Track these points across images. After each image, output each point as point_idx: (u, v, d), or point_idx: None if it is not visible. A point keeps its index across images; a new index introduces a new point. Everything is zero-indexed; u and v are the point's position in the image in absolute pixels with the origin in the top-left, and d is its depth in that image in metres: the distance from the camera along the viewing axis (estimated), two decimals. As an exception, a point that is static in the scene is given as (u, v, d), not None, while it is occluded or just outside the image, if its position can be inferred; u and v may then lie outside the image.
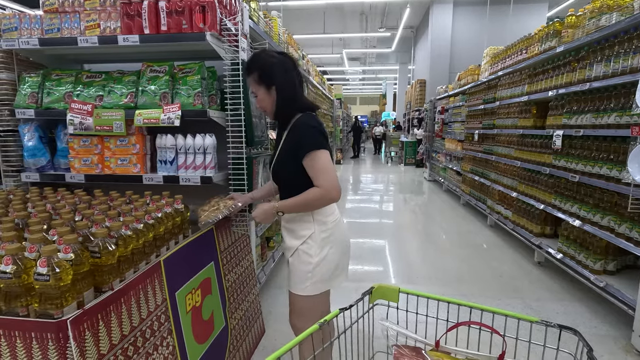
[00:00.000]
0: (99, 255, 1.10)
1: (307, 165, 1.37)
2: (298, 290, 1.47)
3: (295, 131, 1.41)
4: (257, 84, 1.41)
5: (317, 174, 1.36)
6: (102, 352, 1.05)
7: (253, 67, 1.41)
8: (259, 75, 1.40)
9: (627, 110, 2.46)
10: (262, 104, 1.44)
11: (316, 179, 1.36)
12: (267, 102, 1.43)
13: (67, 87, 1.96)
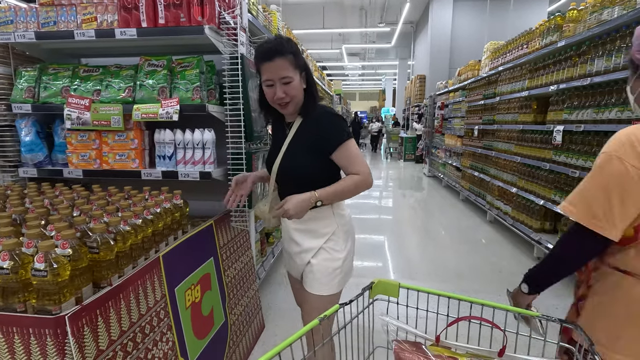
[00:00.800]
0: (97, 251, 1.09)
1: (340, 156, 1.30)
2: (325, 290, 1.36)
3: (319, 124, 1.30)
4: (293, 67, 1.24)
5: (353, 161, 1.31)
6: (101, 348, 1.04)
7: (288, 48, 1.23)
8: (295, 58, 1.24)
9: (628, 105, 2.45)
10: (294, 92, 1.26)
11: (352, 167, 1.30)
12: (299, 90, 1.28)
13: (64, 82, 1.94)
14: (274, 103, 1.28)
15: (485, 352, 0.84)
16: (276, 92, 1.24)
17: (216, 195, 2.12)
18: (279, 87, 1.24)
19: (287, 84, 1.24)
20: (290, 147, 1.34)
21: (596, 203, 0.92)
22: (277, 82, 1.23)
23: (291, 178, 1.36)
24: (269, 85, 1.25)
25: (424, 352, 0.84)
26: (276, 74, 1.22)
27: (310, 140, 1.31)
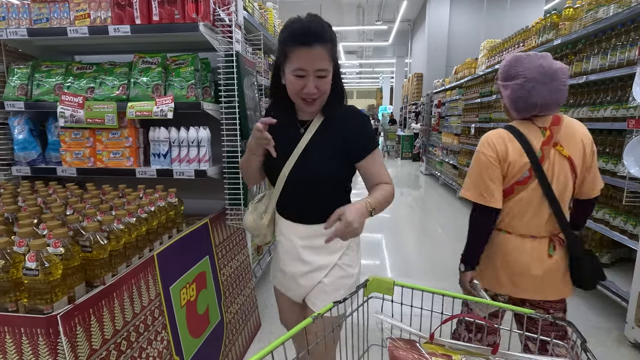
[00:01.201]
0: (90, 250, 1.08)
1: (368, 164, 1.14)
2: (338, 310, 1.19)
3: (348, 125, 1.14)
4: (330, 58, 1.04)
5: (381, 171, 1.17)
6: (94, 347, 1.03)
7: (329, 34, 1.04)
8: (332, 48, 1.05)
9: (623, 103, 2.46)
10: (326, 88, 1.07)
11: (381, 177, 1.16)
12: (329, 85, 1.09)
13: (57, 79, 1.92)
14: (298, 96, 1.07)
15: (479, 349, 0.84)
16: (307, 85, 1.04)
17: (211, 193, 2.11)
18: (312, 79, 1.03)
19: (321, 78, 1.04)
20: (308, 150, 1.13)
21: (479, 186, 1.35)
22: (311, 73, 1.03)
23: (306, 186, 1.14)
24: (300, 75, 1.03)
25: (418, 350, 0.84)
26: (312, 64, 1.01)
27: (334, 142, 1.13)
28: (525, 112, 1.34)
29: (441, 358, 0.81)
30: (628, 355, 2.18)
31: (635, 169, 2.13)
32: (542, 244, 1.34)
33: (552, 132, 1.31)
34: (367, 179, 1.17)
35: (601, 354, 2.17)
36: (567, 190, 1.32)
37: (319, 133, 1.14)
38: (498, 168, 1.32)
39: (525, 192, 1.32)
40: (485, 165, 1.34)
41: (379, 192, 1.11)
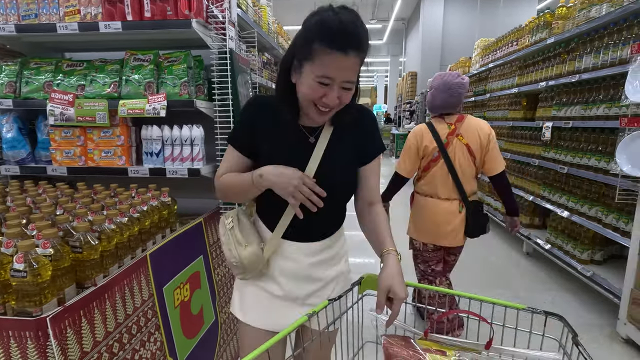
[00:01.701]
0: (81, 250, 1.06)
1: (373, 167, 1.08)
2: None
3: (363, 123, 1.07)
4: (359, 70, 0.94)
5: (378, 180, 1.09)
6: (85, 350, 1.01)
7: (366, 44, 0.91)
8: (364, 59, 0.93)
9: (615, 101, 2.48)
10: (346, 100, 0.94)
11: (376, 190, 1.09)
12: (350, 97, 0.96)
13: (46, 76, 1.88)
14: (314, 104, 0.92)
15: (472, 344, 0.85)
16: (329, 94, 0.89)
17: (205, 192, 2.08)
18: (336, 90, 0.90)
19: (346, 90, 0.91)
20: (323, 163, 0.99)
21: (401, 160, 2.08)
22: (337, 83, 0.89)
23: (324, 203, 0.96)
24: (323, 83, 0.88)
25: (413, 346, 0.85)
26: (342, 74, 0.88)
27: (347, 149, 1.04)
28: (433, 111, 2.06)
29: (435, 354, 0.82)
30: (620, 351, 2.20)
31: (628, 166, 2.15)
32: (453, 204, 2.01)
33: (455, 126, 1.98)
34: (362, 188, 1.08)
35: (594, 350, 2.20)
36: (467, 167, 1.97)
37: (332, 141, 1.02)
38: (415, 152, 2.03)
39: (436, 167, 1.99)
40: (407, 149, 2.06)
41: (387, 228, 1.04)
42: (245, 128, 1.04)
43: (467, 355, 0.81)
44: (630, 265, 2.23)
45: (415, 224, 2.15)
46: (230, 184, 1.05)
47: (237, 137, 1.07)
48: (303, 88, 0.92)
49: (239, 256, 1.01)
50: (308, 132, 1.03)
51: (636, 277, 2.18)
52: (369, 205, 1.09)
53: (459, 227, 2.00)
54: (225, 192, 1.08)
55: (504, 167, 2.02)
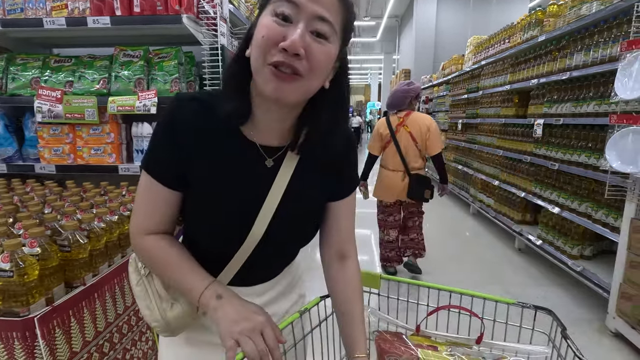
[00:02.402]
0: (69, 250, 1.04)
1: (345, 205, 0.81)
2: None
3: (337, 157, 0.77)
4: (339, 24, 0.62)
5: (352, 222, 0.84)
6: (75, 350, 1.00)
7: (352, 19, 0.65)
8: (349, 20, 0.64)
9: (605, 98, 2.51)
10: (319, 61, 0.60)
11: (349, 235, 0.83)
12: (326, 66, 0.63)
13: (33, 73, 1.84)
14: (269, 55, 0.58)
15: (464, 339, 0.85)
16: (288, 34, 0.57)
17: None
18: (302, 30, 0.57)
19: (318, 37, 0.59)
20: (285, 200, 0.71)
21: (370, 142, 3.08)
22: (303, 19, 0.57)
23: (283, 246, 0.79)
24: (283, 16, 0.58)
25: (405, 342, 0.85)
26: (313, 3, 0.57)
27: (316, 181, 0.75)
28: (388, 109, 3.03)
29: (427, 349, 0.82)
30: (609, 344, 2.24)
31: (617, 163, 2.18)
32: (398, 174, 2.87)
33: (403, 119, 2.84)
34: (331, 232, 0.81)
35: (583, 344, 2.23)
36: (411, 148, 2.83)
37: (301, 169, 0.72)
38: (378, 136, 2.94)
39: (389, 148, 2.89)
40: (374, 134, 3.01)
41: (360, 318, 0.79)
42: (168, 146, 0.67)
43: (458, 350, 0.82)
44: (619, 260, 2.26)
45: (375, 186, 3.04)
46: (161, 264, 0.70)
47: (157, 162, 0.68)
48: (255, 37, 0.60)
49: (162, 319, 0.71)
50: (266, 151, 0.70)
51: (625, 271, 2.21)
52: (339, 257, 0.82)
53: (402, 190, 2.85)
54: (151, 265, 0.73)
55: (440, 150, 2.89)
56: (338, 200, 0.80)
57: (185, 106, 0.68)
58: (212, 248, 0.73)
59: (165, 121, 0.68)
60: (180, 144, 0.66)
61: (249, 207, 0.70)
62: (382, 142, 2.93)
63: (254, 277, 0.80)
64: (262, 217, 0.69)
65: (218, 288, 0.66)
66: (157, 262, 0.71)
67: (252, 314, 0.62)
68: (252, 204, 0.70)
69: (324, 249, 0.84)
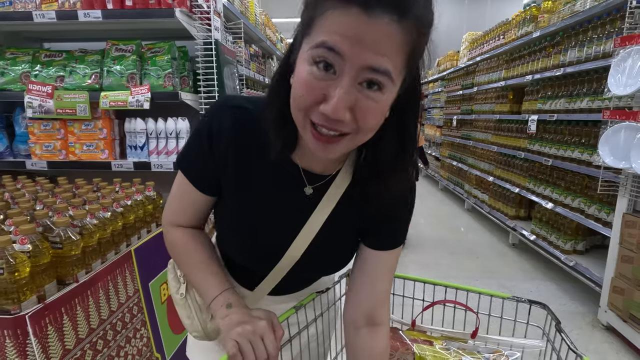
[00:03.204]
0: (61, 246, 1.02)
1: (384, 263, 0.70)
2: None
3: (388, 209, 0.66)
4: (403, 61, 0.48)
5: (389, 282, 0.74)
6: (68, 348, 0.99)
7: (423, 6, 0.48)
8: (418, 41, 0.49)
9: (599, 94, 2.53)
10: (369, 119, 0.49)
11: (386, 301, 0.74)
12: (381, 117, 0.52)
13: (23, 67, 1.81)
14: (306, 114, 0.50)
15: (459, 334, 0.86)
16: (332, 93, 0.47)
17: (192, 186, 2.05)
18: (348, 85, 0.46)
19: (370, 91, 0.47)
20: (323, 232, 0.66)
21: None
22: (349, 69, 0.45)
23: (312, 271, 0.77)
24: (323, 64, 0.46)
25: (400, 337, 0.85)
26: (361, 49, 0.44)
27: (355, 219, 0.68)
28: None
29: (422, 344, 0.83)
30: (601, 337, 2.27)
31: (610, 158, 2.20)
32: None
33: None
34: (363, 285, 0.71)
35: (576, 337, 2.26)
36: None
37: (340, 203, 0.65)
38: None
39: None
40: None
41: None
42: (206, 152, 0.63)
43: (453, 344, 0.82)
44: (611, 254, 2.29)
45: None
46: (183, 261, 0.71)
47: (190, 163, 0.67)
48: (294, 87, 0.50)
49: (203, 330, 0.71)
50: (308, 177, 0.64)
51: (617, 266, 2.24)
52: (369, 322, 0.71)
53: None
54: (174, 258, 0.75)
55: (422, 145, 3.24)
56: (378, 249, 0.69)
57: (229, 111, 0.63)
58: (243, 263, 0.72)
59: (206, 124, 0.64)
60: (217, 150, 0.63)
61: (282, 232, 0.66)
62: None
63: (288, 289, 0.80)
64: (296, 245, 0.66)
65: (230, 297, 0.65)
66: (179, 257, 0.72)
67: (254, 319, 0.61)
68: (285, 230, 0.66)
69: (350, 307, 0.73)
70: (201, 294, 0.69)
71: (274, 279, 0.70)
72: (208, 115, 0.65)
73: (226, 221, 0.70)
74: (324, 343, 0.91)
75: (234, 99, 0.65)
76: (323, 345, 0.92)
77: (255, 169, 0.64)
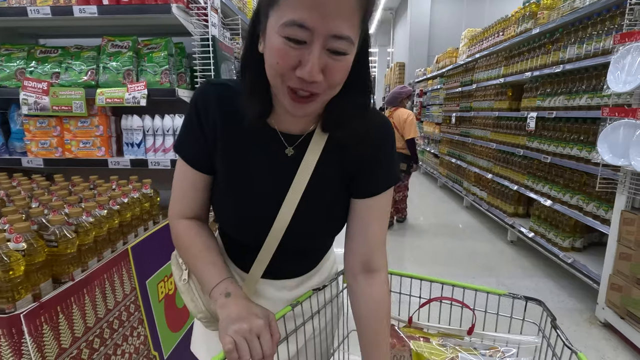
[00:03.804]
0: (56, 245, 1.02)
1: (376, 208, 0.72)
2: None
3: (370, 148, 0.69)
4: (358, 23, 0.55)
5: (383, 228, 0.75)
6: (64, 347, 0.98)
7: None
8: (367, 9, 0.56)
9: (598, 92, 2.52)
10: (339, 79, 0.57)
11: (378, 244, 0.75)
12: (346, 74, 0.58)
13: (18, 63, 1.79)
14: (283, 82, 0.56)
15: (455, 330, 0.87)
16: (306, 60, 0.53)
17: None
18: (318, 52, 0.53)
19: (337, 55, 0.54)
20: (308, 192, 0.68)
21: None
22: (317, 38, 0.52)
23: (305, 241, 0.76)
24: (295, 39, 0.52)
25: (397, 334, 0.86)
26: (328, 20, 0.51)
27: (342, 173, 0.71)
28: (386, 104, 4.18)
29: (419, 341, 0.83)
30: (598, 334, 2.28)
31: (609, 156, 2.20)
32: None
33: (391, 112, 3.88)
34: (355, 234, 0.73)
35: (574, 334, 2.27)
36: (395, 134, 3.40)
37: (322, 160, 0.68)
38: None
39: None
40: None
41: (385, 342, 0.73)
42: (197, 131, 0.69)
43: (450, 341, 0.83)
44: (609, 251, 2.29)
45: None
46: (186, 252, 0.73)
47: (187, 144, 0.71)
48: (267, 56, 0.56)
49: (207, 310, 0.72)
50: (287, 139, 0.68)
51: (615, 263, 2.24)
52: (365, 269, 0.74)
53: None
54: (179, 250, 0.78)
55: (413, 137, 3.77)
56: (365, 197, 0.71)
57: (212, 89, 0.69)
58: (239, 237, 0.74)
59: (193, 104, 0.69)
60: (206, 124, 0.68)
61: (270, 197, 0.69)
62: None
63: (286, 270, 0.80)
64: (285, 209, 0.68)
65: (229, 286, 0.66)
66: (183, 249, 0.75)
67: (252, 316, 0.60)
68: (272, 194, 0.69)
69: (348, 256, 0.76)
70: (202, 282, 0.70)
71: (267, 251, 0.71)
72: (194, 96, 0.70)
73: (219, 194, 0.73)
74: (326, 340, 0.92)
75: (215, 80, 0.75)
76: (326, 342, 0.92)
77: (240, 139, 0.69)
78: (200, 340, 0.89)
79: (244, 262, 0.77)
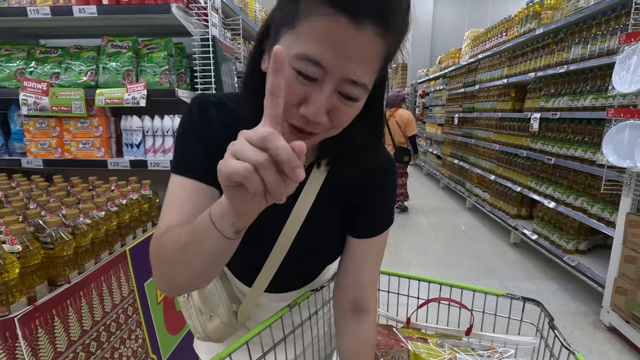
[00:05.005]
0: (52, 247, 1.00)
1: (372, 248, 0.71)
2: None
3: (370, 189, 0.68)
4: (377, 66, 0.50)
5: (376, 269, 0.75)
6: (59, 350, 0.97)
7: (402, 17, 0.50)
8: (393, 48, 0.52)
9: (603, 92, 2.49)
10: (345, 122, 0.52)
11: (373, 285, 0.75)
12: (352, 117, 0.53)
13: (18, 64, 1.79)
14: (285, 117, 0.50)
15: (453, 331, 0.86)
16: (311, 98, 0.48)
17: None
18: (328, 93, 0.47)
19: (347, 100, 0.49)
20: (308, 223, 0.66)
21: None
22: (330, 80, 0.47)
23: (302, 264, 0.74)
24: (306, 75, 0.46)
25: (395, 335, 0.85)
26: (345, 62, 0.46)
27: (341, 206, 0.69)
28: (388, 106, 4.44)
29: (417, 341, 0.82)
30: (603, 338, 2.25)
31: (614, 157, 2.17)
32: (388, 147, 4.33)
33: (392, 112, 4.53)
34: (348, 272, 0.72)
35: (578, 338, 2.24)
36: (396, 130, 4.42)
37: (323, 193, 0.65)
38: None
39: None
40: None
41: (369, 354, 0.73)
42: (196, 145, 0.61)
43: (448, 342, 0.82)
44: (614, 254, 2.26)
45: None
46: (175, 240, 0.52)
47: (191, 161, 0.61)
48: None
49: (203, 330, 0.74)
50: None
51: (620, 266, 2.21)
52: (354, 308, 0.73)
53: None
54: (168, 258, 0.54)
55: (414, 133, 4.49)
56: (361, 237, 0.70)
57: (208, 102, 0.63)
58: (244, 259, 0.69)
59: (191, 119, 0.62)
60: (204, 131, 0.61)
61: (271, 222, 0.63)
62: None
63: (285, 285, 0.79)
64: (285, 234, 0.65)
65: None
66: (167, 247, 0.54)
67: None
68: (273, 220, 0.64)
69: (338, 291, 0.74)
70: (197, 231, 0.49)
71: (269, 270, 0.69)
72: (193, 110, 0.62)
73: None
74: (331, 343, 0.90)
75: (210, 96, 0.65)
76: (330, 346, 0.90)
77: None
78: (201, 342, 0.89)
79: (245, 276, 0.76)
